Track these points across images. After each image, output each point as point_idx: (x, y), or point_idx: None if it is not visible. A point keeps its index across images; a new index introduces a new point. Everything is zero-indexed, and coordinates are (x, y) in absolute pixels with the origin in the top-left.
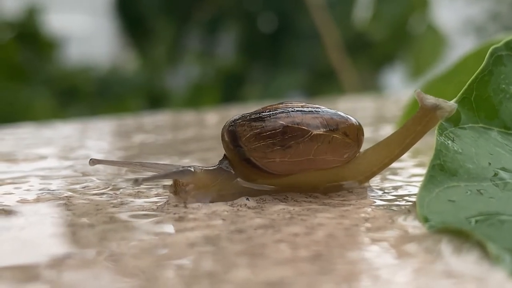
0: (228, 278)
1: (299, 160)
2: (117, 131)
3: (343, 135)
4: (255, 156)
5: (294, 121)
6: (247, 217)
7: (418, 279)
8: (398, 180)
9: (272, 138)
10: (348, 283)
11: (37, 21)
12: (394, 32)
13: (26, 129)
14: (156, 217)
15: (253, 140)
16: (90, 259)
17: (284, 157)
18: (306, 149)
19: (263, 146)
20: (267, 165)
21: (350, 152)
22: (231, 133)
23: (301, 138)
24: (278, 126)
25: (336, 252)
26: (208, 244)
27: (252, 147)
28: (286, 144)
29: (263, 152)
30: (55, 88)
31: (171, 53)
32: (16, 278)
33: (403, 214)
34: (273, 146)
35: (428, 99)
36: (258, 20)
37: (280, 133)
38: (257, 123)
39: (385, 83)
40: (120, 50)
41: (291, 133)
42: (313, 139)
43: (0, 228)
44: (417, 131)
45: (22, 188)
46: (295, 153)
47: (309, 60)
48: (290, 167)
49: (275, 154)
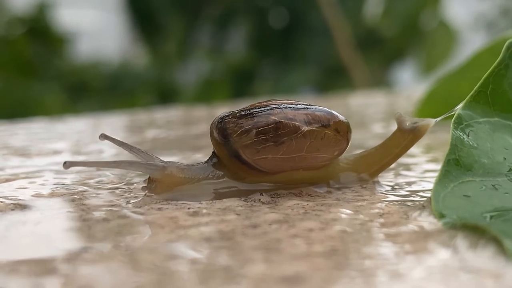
0: (244, 272)
1: (291, 157)
2: (130, 126)
3: (334, 131)
4: (246, 152)
5: (287, 117)
6: (261, 212)
7: (435, 274)
8: (411, 176)
9: (265, 134)
10: (364, 278)
11: (47, 17)
12: (405, 28)
13: (39, 124)
14: (170, 212)
15: (244, 136)
16: (106, 253)
17: (277, 154)
18: (298, 146)
19: (255, 142)
20: (258, 162)
21: (340, 149)
22: (221, 129)
23: (294, 134)
24: (271, 121)
25: (351, 248)
26: (223, 239)
27: (244, 143)
28: (279, 140)
29: (255, 148)
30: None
31: (182, 49)
32: (32, 271)
33: (418, 210)
34: (266, 142)
35: (406, 123)
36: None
37: (273, 129)
38: (249, 119)
39: (396, 79)
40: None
41: (284, 129)
42: (306, 135)
43: (16, 222)
44: (395, 153)
45: (37, 182)
46: (288, 149)
47: (320, 56)
48: (281, 165)
49: (268, 151)
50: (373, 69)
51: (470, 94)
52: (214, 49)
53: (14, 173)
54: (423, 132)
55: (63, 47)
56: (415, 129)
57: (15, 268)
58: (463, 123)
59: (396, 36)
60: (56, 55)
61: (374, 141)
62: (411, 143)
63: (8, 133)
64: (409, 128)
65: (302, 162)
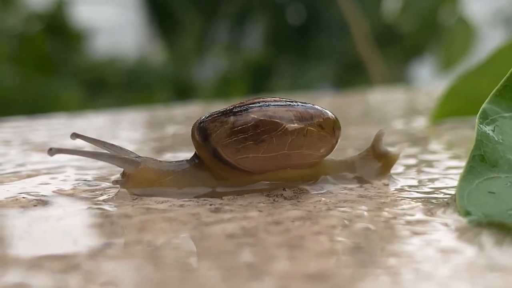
0: (268, 269)
1: (273, 156)
2: (149, 122)
3: (318, 127)
4: (227, 152)
5: (266, 114)
6: (283, 208)
7: (461, 272)
8: (434, 173)
9: (244, 133)
10: (390, 276)
11: (65, 13)
12: (424, 23)
13: (59, 120)
14: (192, 208)
15: (224, 135)
16: (129, 249)
17: (258, 153)
18: (280, 143)
19: (234, 141)
20: (239, 162)
21: (327, 146)
22: (201, 129)
23: (274, 131)
24: (249, 120)
25: (375, 245)
26: (246, 236)
27: (223, 143)
28: (259, 138)
29: (235, 148)
30: (83, 79)
31: (199, 45)
32: (56, 267)
33: (442, 207)
34: (245, 141)
35: (382, 143)
36: (286, 12)
37: (252, 127)
38: (228, 118)
39: (414, 75)
40: (147, 41)
41: (264, 127)
42: (287, 133)
43: (39, 218)
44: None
45: (58, 178)
46: (269, 148)
47: (338, 52)
48: (264, 164)
49: (248, 150)
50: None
51: (496, 89)
52: (231, 45)
53: (35, 169)
54: (394, 160)
55: (80, 43)
56: (387, 155)
57: (38, 264)
58: (488, 118)
59: (415, 32)
60: (74, 52)
61: (395, 138)
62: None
63: (28, 128)
64: (383, 150)
65: (286, 160)
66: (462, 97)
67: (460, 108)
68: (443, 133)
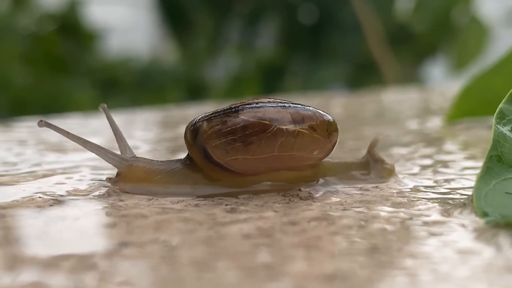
0: (285, 270)
1: (264, 158)
2: (163, 122)
3: (310, 130)
4: (216, 153)
5: (256, 116)
6: (299, 209)
7: (480, 273)
8: (450, 173)
9: (233, 134)
10: (407, 277)
11: (78, 13)
12: (437, 23)
13: (74, 120)
14: (208, 208)
15: (214, 137)
16: (145, 249)
17: (247, 154)
18: (269, 145)
19: (224, 143)
20: (230, 164)
21: (321, 148)
22: (193, 131)
23: (263, 133)
24: (238, 121)
25: (393, 246)
26: (262, 236)
27: (213, 144)
28: (247, 140)
29: (224, 149)
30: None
31: (211, 45)
32: (73, 267)
33: (459, 207)
34: (234, 143)
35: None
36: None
37: (241, 129)
38: (218, 119)
39: (427, 75)
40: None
41: (253, 128)
42: (276, 134)
43: (55, 217)
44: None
45: (74, 178)
46: (258, 149)
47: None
48: (255, 165)
49: (237, 151)
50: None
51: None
52: (243, 45)
53: (51, 169)
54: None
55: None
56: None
57: (55, 263)
58: (505, 118)
59: (428, 32)
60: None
61: (409, 138)
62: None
63: (43, 128)
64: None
65: (277, 162)
66: (476, 97)
67: (474, 108)
68: (458, 133)
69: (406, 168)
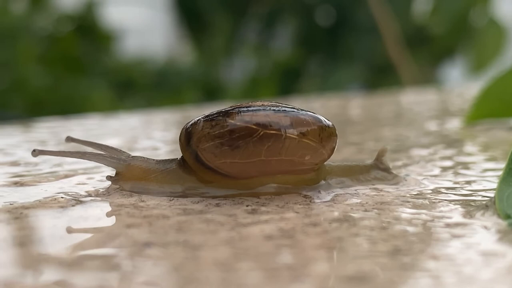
0: (308, 271)
1: (251, 162)
2: (181, 123)
3: (299, 134)
4: (206, 157)
5: (243, 120)
6: (320, 210)
7: (504, 276)
8: (471, 175)
9: (221, 138)
10: (431, 279)
11: (95, 14)
12: (455, 25)
13: (93, 120)
14: (229, 209)
15: (203, 140)
16: (168, 250)
17: (234, 158)
18: (256, 150)
19: (212, 146)
20: (219, 167)
21: (313, 153)
22: (186, 133)
23: (249, 137)
24: (226, 125)
25: (415, 247)
26: (283, 237)
27: (203, 147)
28: (234, 144)
29: (212, 152)
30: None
31: (228, 46)
32: (97, 267)
33: (481, 209)
34: (221, 146)
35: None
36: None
37: (228, 133)
38: (208, 122)
39: (445, 77)
40: (176, 42)
41: (239, 133)
42: (263, 139)
43: (78, 218)
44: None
45: (95, 178)
46: (245, 153)
47: (368, 53)
48: (245, 169)
49: (224, 155)
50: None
51: None
52: (260, 46)
53: (72, 169)
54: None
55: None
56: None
57: (79, 263)
58: None
59: (445, 34)
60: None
61: (428, 139)
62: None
63: (63, 129)
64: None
65: (267, 167)
66: (496, 98)
67: (494, 109)
68: (478, 135)
69: (427, 170)
